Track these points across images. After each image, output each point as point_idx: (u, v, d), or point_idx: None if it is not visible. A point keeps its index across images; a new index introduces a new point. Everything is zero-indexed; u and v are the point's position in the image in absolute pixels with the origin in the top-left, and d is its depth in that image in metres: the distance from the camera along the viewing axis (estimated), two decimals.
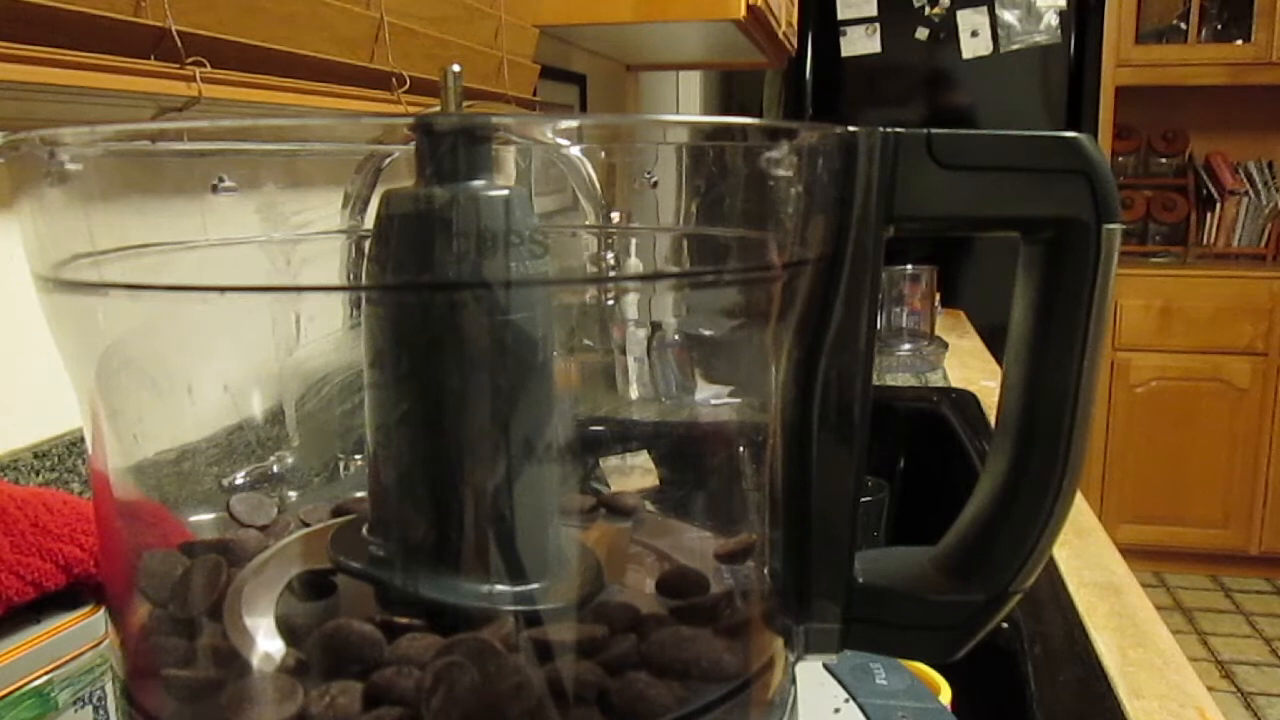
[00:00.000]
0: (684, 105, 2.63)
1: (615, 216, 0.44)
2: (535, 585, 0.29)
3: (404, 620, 0.27)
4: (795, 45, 2.10)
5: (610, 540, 0.35)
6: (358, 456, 0.34)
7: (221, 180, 0.28)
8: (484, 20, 1.17)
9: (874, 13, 2.47)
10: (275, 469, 0.45)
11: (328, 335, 0.30)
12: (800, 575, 0.32)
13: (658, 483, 0.47)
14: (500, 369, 0.29)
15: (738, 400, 0.38)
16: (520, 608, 0.29)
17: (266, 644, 0.28)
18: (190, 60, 0.67)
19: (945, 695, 0.54)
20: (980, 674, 0.52)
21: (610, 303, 0.34)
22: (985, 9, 2.43)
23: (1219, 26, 2.94)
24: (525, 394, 0.29)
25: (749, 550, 0.34)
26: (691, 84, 2.65)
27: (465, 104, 0.34)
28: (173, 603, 0.30)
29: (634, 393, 1.06)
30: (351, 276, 0.35)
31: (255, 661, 0.28)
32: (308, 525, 0.35)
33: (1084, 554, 0.83)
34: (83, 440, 0.67)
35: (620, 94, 2.09)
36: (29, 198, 0.29)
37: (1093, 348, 0.29)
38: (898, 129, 0.29)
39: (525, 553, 0.29)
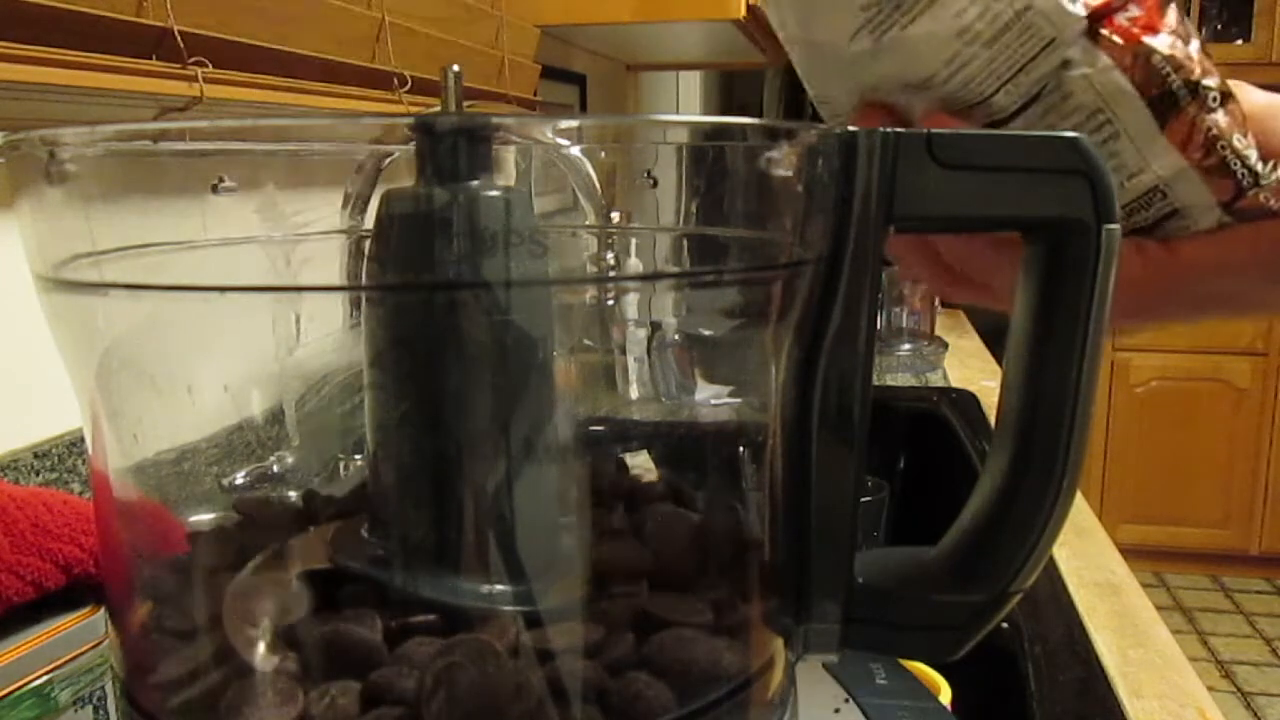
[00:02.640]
0: (684, 105, 2.63)
1: (615, 216, 0.44)
2: (535, 585, 0.29)
3: (404, 621, 0.27)
4: None
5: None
6: (358, 456, 0.34)
7: (222, 180, 0.28)
8: (485, 20, 1.17)
9: None
10: (275, 469, 0.45)
11: (328, 335, 0.30)
12: (800, 575, 0.32)
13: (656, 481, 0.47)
14: (500, 369, 0.29)
15: (738, 400, 0.38)
16: (520, 608, 0.29)
17: (266, 645, 0.28)
18: (192, 60, 0.67)
19: (945, 695, 0.54)
20: (980, 674, 0.52)
21: (610, 303, 0.34)
22: None
23: (1219, 26, 2.94)
24: (525, 394, 0.29)
25: (749, 550, 0.34)
26: (691, 84, 2.65)
27: (465, 104, 0.34)
28: (172, 602, 0.30)
29: (634, 393, 1.06)
30: (351, 276, 0.35)
31: (255, 662, 0.28)
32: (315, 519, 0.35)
33: (1084, 554, 0.83)
34: (83, 440, 0.67)
35: (620, 94, 2.09)
36: (29, 198, 0.29)
37: (1093, 348, 0.30)
38: (898, 129, 0.29)
39: (525, 553, 0.29)
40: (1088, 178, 0.28)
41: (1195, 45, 0.33)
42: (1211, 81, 0.33)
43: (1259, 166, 0.34)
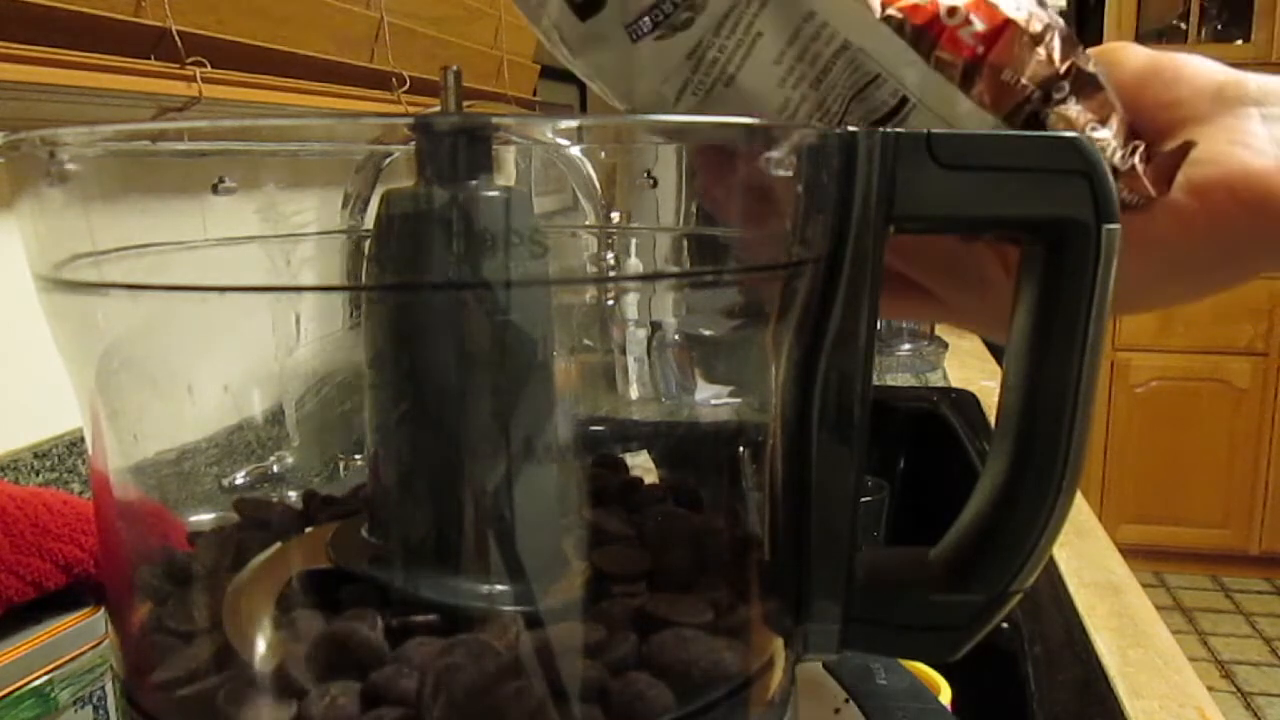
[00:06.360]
0: None
1: (615, 216, 0.44)
2: (535, 585, 0.29)
3: (404, 621, 0.27)
4: None
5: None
6: (358, 456, 0.34)
7: (221, 180, 0.28)
8: (484, 20, 1.17)
9: None
10: (275, 469, 0.45)
11: (328, 335, 0.30)
12: (800, 575, 0.32)
13: (657, 483, 0.47)
14: (500, 369, 0.29)
15: (738, 400, 0.38)
16: (520, 608, 0.29)
17: (266, 644, 0.28)
18: (190, 60, 0.67)
19: (945, 695, 0.54)
20: (980, 674, 0.52)
21: (610, 303, 0.34)
22: None
23: (1219, 26, 2.94)
24: (525, 394, 0.29)
25: (749, 550, 0.34)
26: None
27: (465, 104, 0.34)
28: (172, 602, 0.30)
29: (634, 393, 1.06)
30: (351, 276, 0.35)
31: (255, 662, 0.28)
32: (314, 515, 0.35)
33: (1084, 554, 0.83)
34: (83, 440, 0.67)
35: None
36: (29, 198, 0.29)
37: (1093, 348, 0.29)
38: (898, 129, 0.29)
39: (525, 553, 0.29)
40: (1088, 178, 0.28)
41: (1052, 35, 0.31)
42: (1066, 69, 0.31)
43: (1116, 158, 0.31)
